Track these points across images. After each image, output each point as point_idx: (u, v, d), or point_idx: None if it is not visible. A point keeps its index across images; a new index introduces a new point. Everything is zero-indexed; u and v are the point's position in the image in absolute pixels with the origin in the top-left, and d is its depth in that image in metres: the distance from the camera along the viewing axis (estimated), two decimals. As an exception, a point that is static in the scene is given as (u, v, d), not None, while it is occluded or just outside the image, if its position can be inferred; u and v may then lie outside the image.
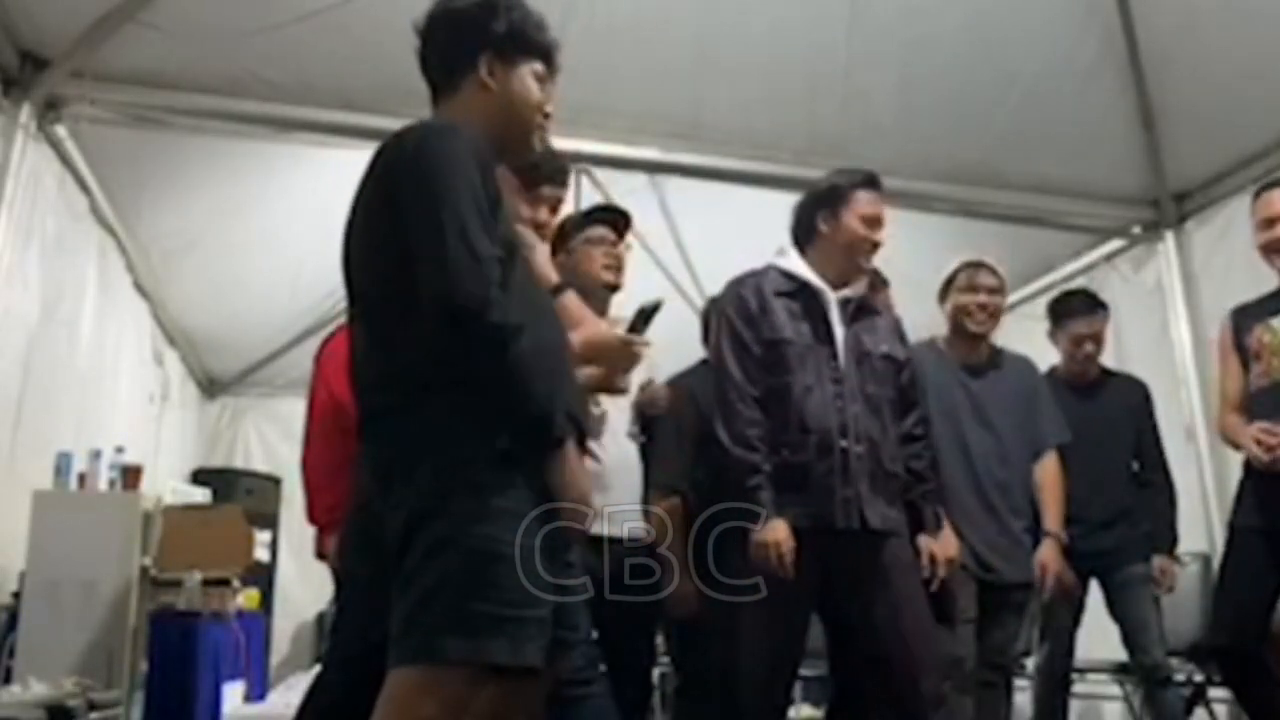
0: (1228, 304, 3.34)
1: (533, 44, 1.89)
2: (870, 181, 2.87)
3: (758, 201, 4.88)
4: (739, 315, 2.78)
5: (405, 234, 1.66)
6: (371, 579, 1.79)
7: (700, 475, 2.96)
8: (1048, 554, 3.21)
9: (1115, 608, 3.64)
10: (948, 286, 3.35)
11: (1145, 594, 3.60)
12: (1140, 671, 3.65)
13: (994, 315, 3.31)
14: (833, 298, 2.78)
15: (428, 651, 1.56)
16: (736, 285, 2.85)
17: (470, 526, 1.59)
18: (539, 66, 1.90)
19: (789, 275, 2.82)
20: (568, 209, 2.81)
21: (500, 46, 1.86)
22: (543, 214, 2.56)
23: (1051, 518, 3.26)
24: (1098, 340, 3.78)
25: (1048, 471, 3.30)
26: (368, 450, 1.78)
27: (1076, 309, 3.82)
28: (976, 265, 3.34)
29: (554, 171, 2.58)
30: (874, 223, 2.82)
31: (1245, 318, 3.18)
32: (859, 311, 2.82)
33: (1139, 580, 3.60)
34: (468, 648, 1.56)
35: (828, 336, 2.75)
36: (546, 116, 1.93)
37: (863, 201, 2.82)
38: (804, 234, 2.88)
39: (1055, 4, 4.31)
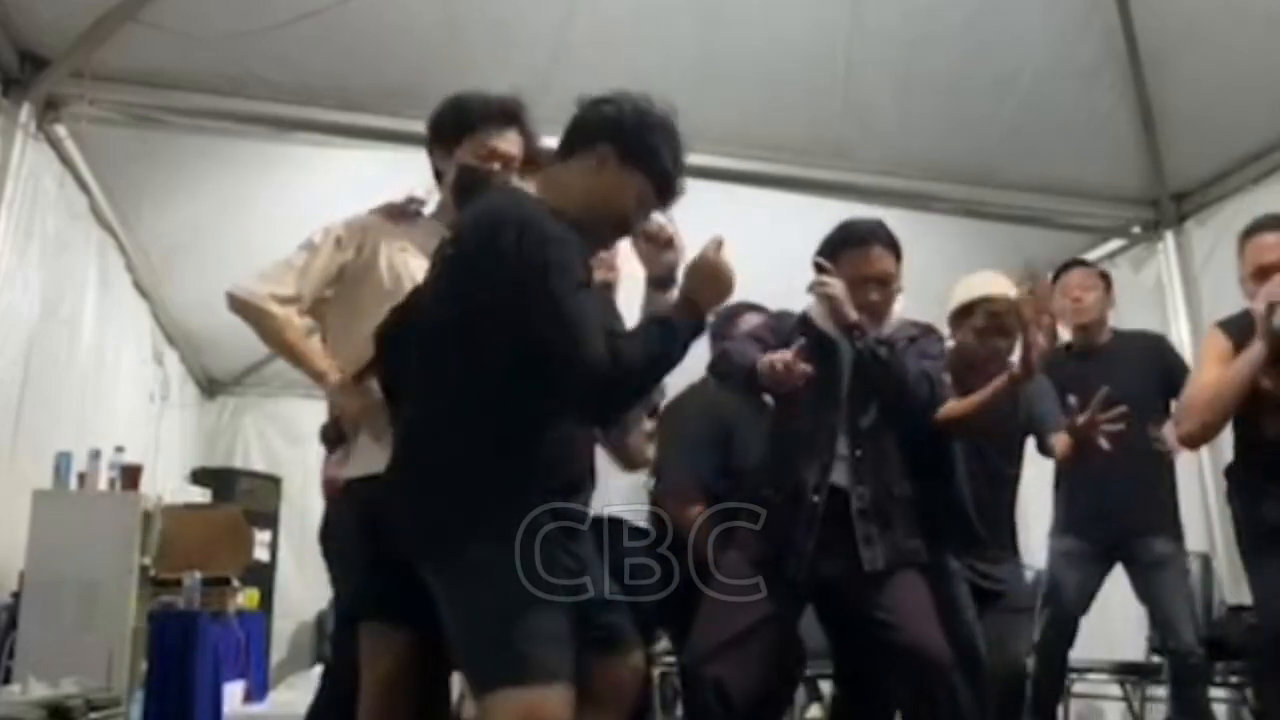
0: (1227, 303, 3.30)
1: (656, 170, 1.97)
2: (858, 238, 2.71)
3: (758, 201, 4.89)
4: (768, 326, 2.80)
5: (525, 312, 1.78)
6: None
7: (711, 481, 2.99)
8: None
9: (1143, 591, 3.50)
10: (964, 315, 3.05)
11: (1175, 576, 3.46)
12: (1171, 657, 3.47)
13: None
14: (845, 347, 2.69)
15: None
16: (778, 315, 2.87)
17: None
18: (649, 190, 1.98)
19: (809, 322, 2.77)
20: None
21: (626, 151, 1.95)
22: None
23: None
24: (1085, 288, 3.71)
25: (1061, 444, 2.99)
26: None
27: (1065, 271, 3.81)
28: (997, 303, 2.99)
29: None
30: (861, 284, 2.67)
31: (1243, 334, 2.89)
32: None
33: (1167, 560, 3.45)
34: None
35: (835, 385, 2.69)
36: (627, 230, 2.06)
37: (850, 263, 2.69)
38: None
39: (1055, 4, 4.31)
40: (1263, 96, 4.20)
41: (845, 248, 2.71)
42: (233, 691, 4.66)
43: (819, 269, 2.70)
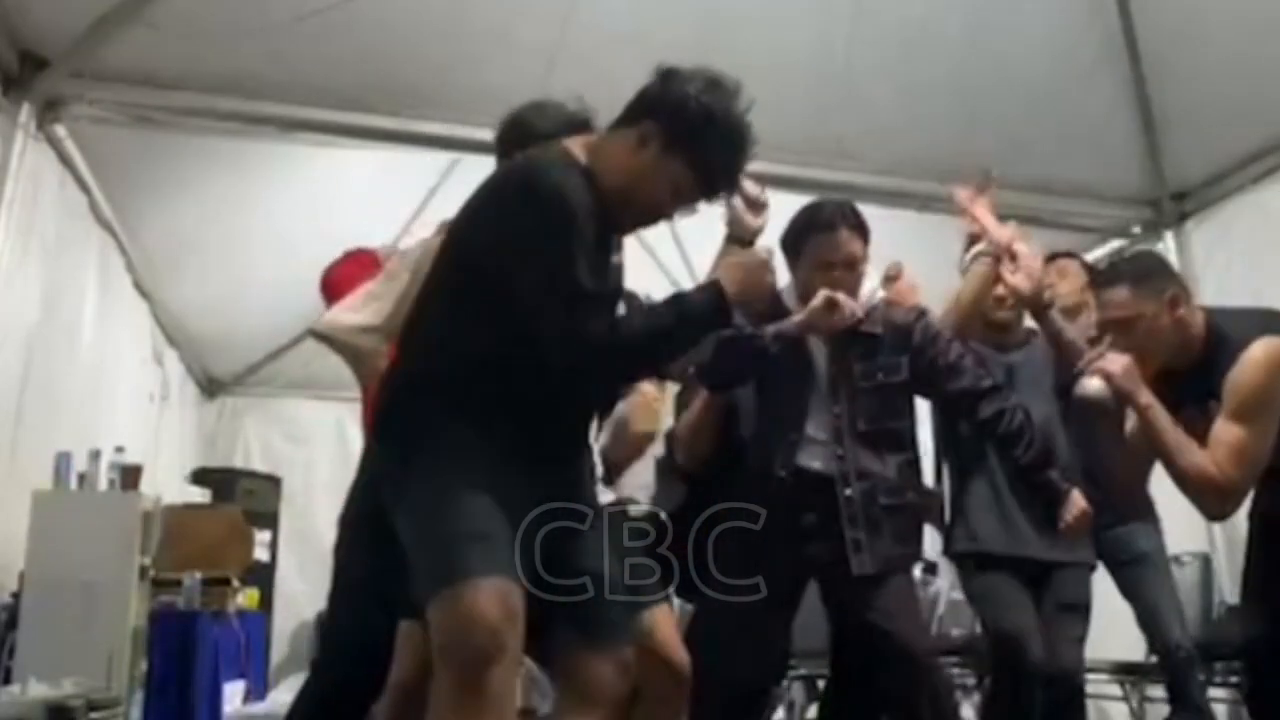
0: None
1: (700, 162, 1.86)
2: (824, 222, 2.70)
3: (758, 201, 4.89)
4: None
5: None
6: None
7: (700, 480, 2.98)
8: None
9: (1125, 589, 3.46)
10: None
11: (1157, 572, 3.42)
12: (1161, 655, 3.43)
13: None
14: (814, 338, 2.69)
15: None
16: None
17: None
18: (690, 181, 1.87)
19: (779, 302, 2.72)
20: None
21: (673, 136, 1.83)
22: None
23: None
24: (1060, 274, 3.54)
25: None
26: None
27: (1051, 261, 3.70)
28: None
29: None
30: (827, 268, 2.66)
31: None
32: (853, 342, 2.71)
33: (1148, 556, 3.41)
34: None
35: (805, 368, 2.69)
36: (659, 218, 1.94)
37: (816, 247, 2.69)
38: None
39: (1055, 4, 4.32)
40: (1262, 96, 4.20)
41: (811, 232, 2.71)
42: (233, 691, 4.66)
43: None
